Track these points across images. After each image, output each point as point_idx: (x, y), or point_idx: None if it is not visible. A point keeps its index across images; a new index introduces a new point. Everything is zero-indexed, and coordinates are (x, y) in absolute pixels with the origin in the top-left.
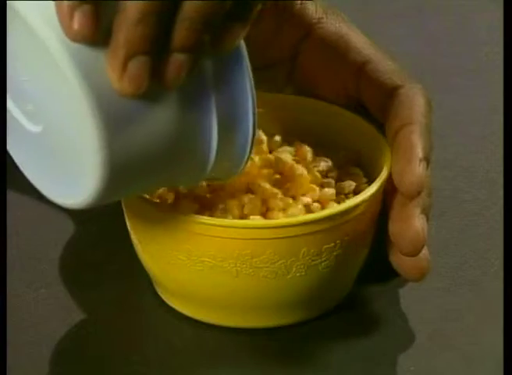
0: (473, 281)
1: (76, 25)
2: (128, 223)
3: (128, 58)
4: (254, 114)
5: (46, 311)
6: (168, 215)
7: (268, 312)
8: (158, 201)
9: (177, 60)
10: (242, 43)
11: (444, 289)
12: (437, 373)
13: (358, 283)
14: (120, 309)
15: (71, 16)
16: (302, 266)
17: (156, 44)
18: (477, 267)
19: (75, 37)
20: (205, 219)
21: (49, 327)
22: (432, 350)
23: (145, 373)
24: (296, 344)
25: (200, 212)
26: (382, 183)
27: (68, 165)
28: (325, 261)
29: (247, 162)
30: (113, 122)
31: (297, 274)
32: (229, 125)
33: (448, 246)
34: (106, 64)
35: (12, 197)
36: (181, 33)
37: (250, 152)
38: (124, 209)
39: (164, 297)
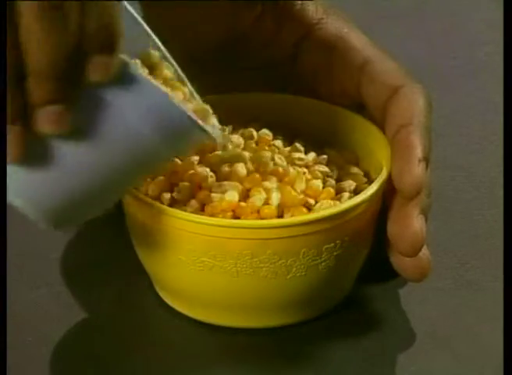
0: (473, 281)
1: None
2: (128, 224)
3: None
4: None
5: (46, 311)
6: (167, 215)
7: (268, 312)
8: (157, 201)
9: (43, 115)
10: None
11: (444, 289)
12: (437, 373)
13: (358, 283)
14: (120, 309)
15: None
16: (302, 266)
17: (20, 109)
18: (477, 267)
19: None
20: (205, 219)
21: (49, 327)
22: (432, 350)
23: (145, 373)
24: (296, 344)
25: (200, 212)
26: (382, 183)
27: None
28: (325, 261)
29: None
30: (35, 198)
31: (297, 274)
32: (161, 124)
33: (448, 246)
34: None
35: None
36: (35, 89)
37: (196, 124)
38: (124, 210)
39: (164, 297)
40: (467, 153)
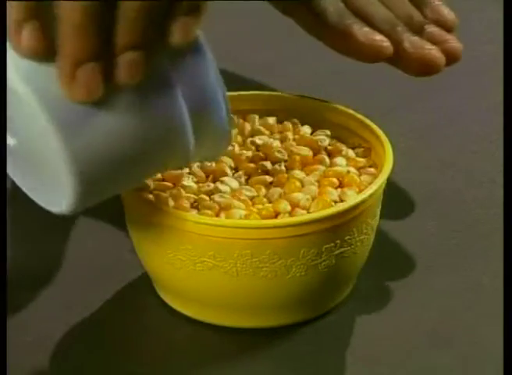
0: (473, 281)
1: (24, 41)
2: (128, 224)
3: (75, 67)
4: (223, 94)
5: (46, 311)
6: (168, 215)
7: (268, 312)
8: (157, 201)
9: (126, 60)
10: (199, 32)
11: (444, 289)
12: (437, 373)
13: (358, 282)
14: (120, 309)
15: (18, 33)
16: (302, 266)
17: (102, 48)
18: (477, 267)
19: (24, 53)
20: (205, 219)
21: (49, 327)
22: (432, 350)
23: (145, 373)
24: (296, 344)
25: (202, 212)
26: (382, 183)
27: (44, 175)
28: (325, 261)
29: (229, 143)
30: (74, 130)
31: (297, 274)
32: (201, 113)
33: (448, 246)
34: (56, 75)
35: (12, 196)
36: (123, 32)
37: (231, 132)
38: (124, 210)
39: (164, 297)
40: (467, 153)
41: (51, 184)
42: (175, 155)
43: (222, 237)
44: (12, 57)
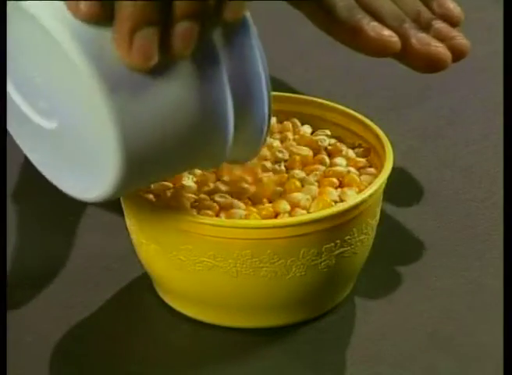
0: (473, 281)
1: (82, 5)
2: (128, 223)
3: (133, 31)
4: (267, 89)
5: (46, 311)
6: (168, 215)
7: (268, 312)
8: (157, 201)
9: (182, 29)
10: (248, 16)
11: (444, 289)
12: (437, 373)
13: (358, 283)
14: (120, 309)
15: None
16: (302, 266)
17: (160, 15)
18: (477, 267)
19: (82, 18)
20: (205, 219)
21: (49, 327)
22: (432, 350)
23: (145, 373)
24: (296, 344)
25: (202, 212)
26: (382, 183)
27: (85, 158)
28: (325, 261)
29: (265, 140)
30: (126, 103)
31: (297, 274)
32: (244, 99)
33: (448, 246)
34: (113, 41)
35: (13, 195)
36: (181, 1)
37: (268, 128)
38: (124, 210)
39: (164, 297)
40: (467, 153)
41: (91, 168)
42: (213, 146)
43: (222, 237)
44: (69, 24)
